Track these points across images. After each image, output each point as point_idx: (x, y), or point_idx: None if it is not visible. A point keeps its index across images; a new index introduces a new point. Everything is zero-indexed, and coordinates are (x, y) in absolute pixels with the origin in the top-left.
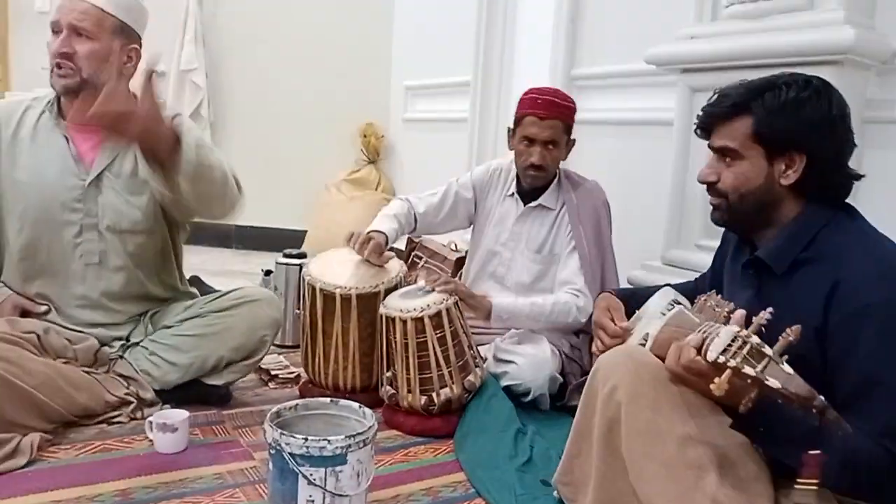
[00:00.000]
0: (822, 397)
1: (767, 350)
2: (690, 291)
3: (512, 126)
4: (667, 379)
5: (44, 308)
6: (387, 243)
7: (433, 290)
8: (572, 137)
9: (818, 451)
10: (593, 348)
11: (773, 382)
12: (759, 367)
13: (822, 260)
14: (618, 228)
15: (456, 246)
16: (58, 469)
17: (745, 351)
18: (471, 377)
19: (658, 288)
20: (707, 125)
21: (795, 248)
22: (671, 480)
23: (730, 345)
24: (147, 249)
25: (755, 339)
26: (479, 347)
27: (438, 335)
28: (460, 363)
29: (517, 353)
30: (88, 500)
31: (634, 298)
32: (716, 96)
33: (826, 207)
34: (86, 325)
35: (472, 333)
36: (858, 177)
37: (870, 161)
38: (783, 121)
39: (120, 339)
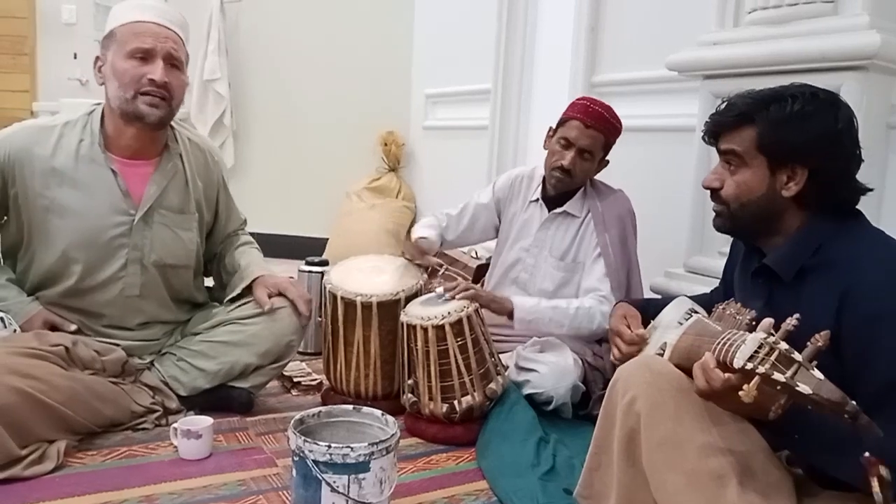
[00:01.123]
0: (853, 402)
1: (797, 356)
2: (706, 303)
3: (554, 126)
4: (686, 388)
5: (73, 327)
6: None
7: (454, 298)
8: (607, 158)
9: (869, 455)
10: (611, 356)
11: (804, 388)
12: (789, 373)
13: (831, 267)
14: (640, 235)
15: (476, 253)
16: (84, 475)
17: (773, 357)
18: (492, 385)
19: (674, 298)
20: (714, 132)
21: (802, 255)
22: (692, 490)
23: (756, 351)
24: (185, 280)
25: (784, 346)
26: (501, 355)
27: (459, 343)
28: (482, 371)
29: (539, 361)
30: None
31: (650, 309)
32: (724, 105)
33: (831, 217)
34: (116, 340)
35: (494, 341)
36: (865, 190)
37: (895, 167)
38: (786, 134)
39: (152, 353)
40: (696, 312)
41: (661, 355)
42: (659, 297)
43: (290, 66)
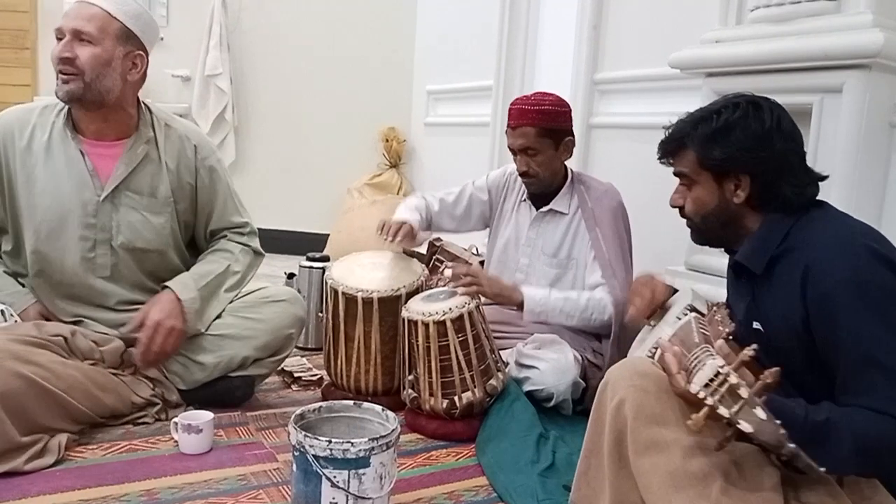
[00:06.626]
0: (791, 445)
1: (744, 392)
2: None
3: None
4: (670, 390)
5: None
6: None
7: (456, 293)
8: (567, 138)
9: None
10: (630, 312)
11: (746, 427)
12: (735, 409)
13: (794, 250)
14: (642, 233)
15: (477, 250)
16: (85, 469)
17: (724, 389)
18: (493, 381)
19: None
20: (664, 158)
21: (770, 246)
22: (677, 491)
23: (712, 379)
24: (160, 266)
25: (734, 379)
26: (501, 352)
27: (460, 339)
28: (482, 367)
29: (540, 358)
30: (115, 499)
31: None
32: (667, 132)
33: (792, 211)
34: (108, 325)
35: (494, 338)
36: (818, 178)
37: None
38: (716, 148)
39: None
40: (694, 309)
41: (653, 355)
42: None
43: (291, 61)
